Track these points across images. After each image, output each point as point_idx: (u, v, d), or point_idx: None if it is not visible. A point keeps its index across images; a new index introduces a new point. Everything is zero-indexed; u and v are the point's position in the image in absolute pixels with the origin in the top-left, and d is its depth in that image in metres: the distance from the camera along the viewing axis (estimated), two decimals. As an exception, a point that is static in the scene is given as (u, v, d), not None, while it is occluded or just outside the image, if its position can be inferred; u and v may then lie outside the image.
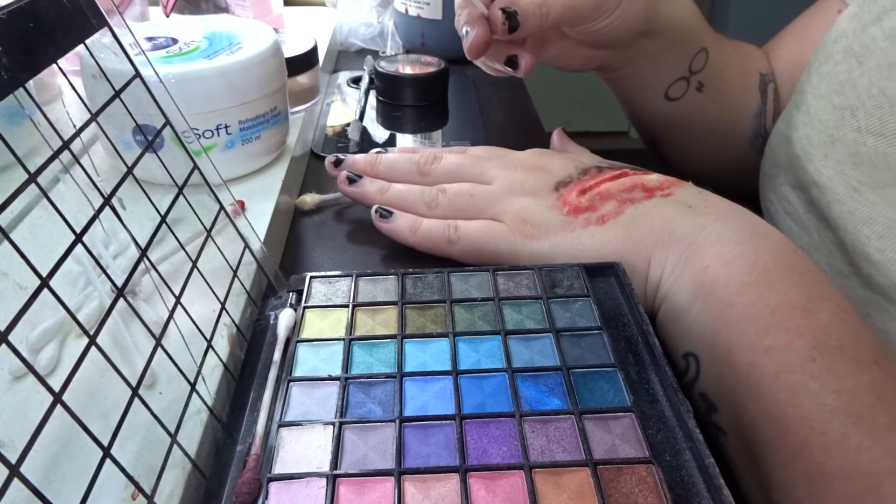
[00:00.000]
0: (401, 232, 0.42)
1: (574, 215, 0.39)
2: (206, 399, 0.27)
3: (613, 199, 0.38)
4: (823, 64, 0.44)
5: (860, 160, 0.39)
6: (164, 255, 0.35)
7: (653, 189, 0.39)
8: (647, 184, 0.39)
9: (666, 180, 0.39)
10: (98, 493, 0.20)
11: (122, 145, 0.40)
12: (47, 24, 0.22)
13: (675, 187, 0.39)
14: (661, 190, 0.38)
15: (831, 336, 0.30)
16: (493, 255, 0.40)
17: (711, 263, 0.34)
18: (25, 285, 0.21)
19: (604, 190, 0.39)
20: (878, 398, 0.28)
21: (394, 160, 0.46)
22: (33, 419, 0.17)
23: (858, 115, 0.40)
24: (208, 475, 0.26)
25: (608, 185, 0.39)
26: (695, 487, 0.25)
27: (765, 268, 0.32)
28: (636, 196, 0.38)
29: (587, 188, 0.39)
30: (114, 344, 0.31)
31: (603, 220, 0.38)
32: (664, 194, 0.38)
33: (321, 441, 0.27)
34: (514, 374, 0.30)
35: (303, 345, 0.32)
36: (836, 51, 0.43)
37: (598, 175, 0.40)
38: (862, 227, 0.38)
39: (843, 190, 0.40)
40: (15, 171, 0.19)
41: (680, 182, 0.39)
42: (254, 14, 0.67)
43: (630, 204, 0.38)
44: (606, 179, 0.39)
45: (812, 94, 0.44)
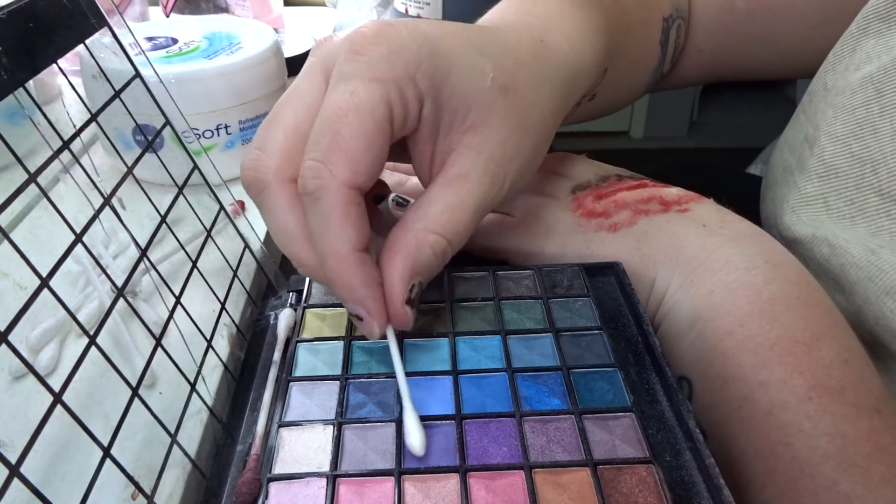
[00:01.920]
0: None
1: (586, 219, 0.38)
2: (206, 399, 0.27)
3: (628, 208, 0.37)
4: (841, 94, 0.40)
5: (881, 229, 0.36)
6: (164, 255, 0.35)
7: (670, 203, 0.37)
8: (664, 197, 0.38)
9: (685, 195, 0.38)
10: (98, 493, 0.20)
11: (122, 145, 0.40)
12: (47, 24, 0.22)
13: (694, 203, 0.37)
14: (678, 205, 0.37)
15: (832, 377, 0.29)
16: (503, 250, 0.40)
17: (716, 289, 0.32)
18: (25, 285, 0.21)
19: (619, 199, 0.38)
20: (876, 447, 0.27)
21: None
22: (33, 419, 0.17)
23: (880, 173, 0.37)
24: (208, 475, 0.26)
25: (625, 195, 0.38)
26: (695, 487, 0.25)
27: (770, 298, 0.31)
28: (651, 208, 0.37)
29: (603, 194, 0.39)
30: (114, 344, 0.31)
31: (615, 227, 0.37)
32: (681, 209, 0.37)
33: (321, 441, 0.27)
34: (514, 374, 0.30)
35: (303, 345, 0.32)
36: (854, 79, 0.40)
37: (617, 183, 0.39)
38: (884, 297, 0.34)
39: (860, 252, 0.36)
40: (15, 171, 0.19)
41: (699, 198, 0.38)
42: (254, 14, 0.67)
43: (644, 216, 0.37)
44: (624, 188, 0.39)
45: (827, 134, 0.41)
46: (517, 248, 0.39)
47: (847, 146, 0.39)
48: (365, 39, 0.27)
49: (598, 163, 0.45)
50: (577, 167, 0.42)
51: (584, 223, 0.38)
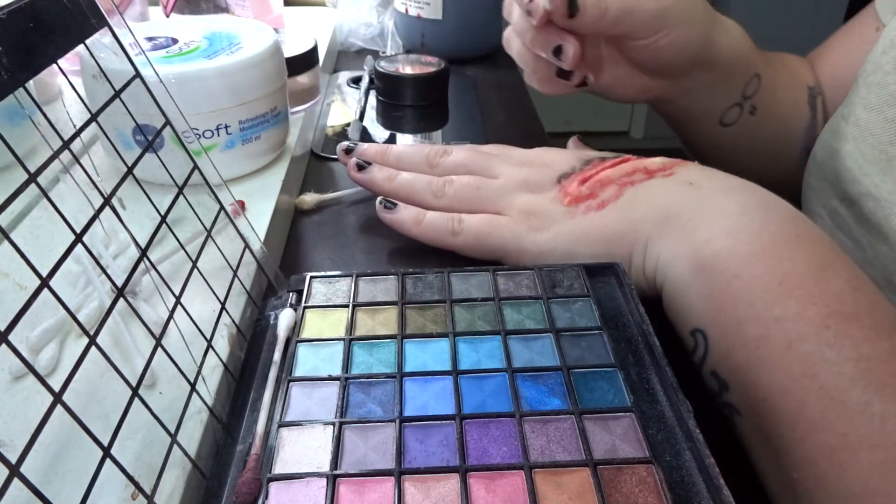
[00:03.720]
0: (404, 223, 0.42)
1: (575, 205, 0.39)
2: (206, 399, 0.27)
3: (613, 184, 0.38)
4: (871, 74, 0.43)
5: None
6: (164, 255, 0.35)
7: (654, 171, 0.38)
8: (648, 166, 0.38)
9: (669, 162, 0.38)
10: (98, 493, 0.20)
11: (122, 145, 0.40)
12: (47, 24, 0.22)
13: (678, 167, 0.38)
14: (662, 171, 0.38)
15: (846, 303, 0.29)
16: (497, 247, 0.40)
17: (713, 237, 0.32)
18: (25, 285, 0.21)
19: (604, 177, 0.39)
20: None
21: (404, 151, 0.46)
22: (33, 419, 0.17)
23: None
24: (208, 475, 0.26)
25: (608, 172, 0.39)
26: (695, 487, 0.25)
27: (771, 238, 0.31)
28: (636, 178, 0.38)
29: (588, 177, 0.39)
30: (114, 344, 0.31)
31: (602, 205, 0.38)
32: (666, 174, 0.37)
33: (321, 441, 0.27)
34: (514, 374, 0.30)
35: (303, 345, 0.32)
36: (885, 61, 0.42)
37: (600, 164, 0.40)
38: None
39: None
40: (15, 171, 0.19)
41: (684, 162, 0.38)
42: (254, 14, 0.67)
43: (630, 186, 0.38)
44: (607, 167, 0.39)
45: (861, 106, 0.43)
46: (512, 245, 0.40)
47: (881, 113, 0.41)
48: None
49: (582, 149, 0.46)
50: (560, 156, 0.43)
51: (574, 210, 0.39)
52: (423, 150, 0.46)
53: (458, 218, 0.41)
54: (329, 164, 0.56)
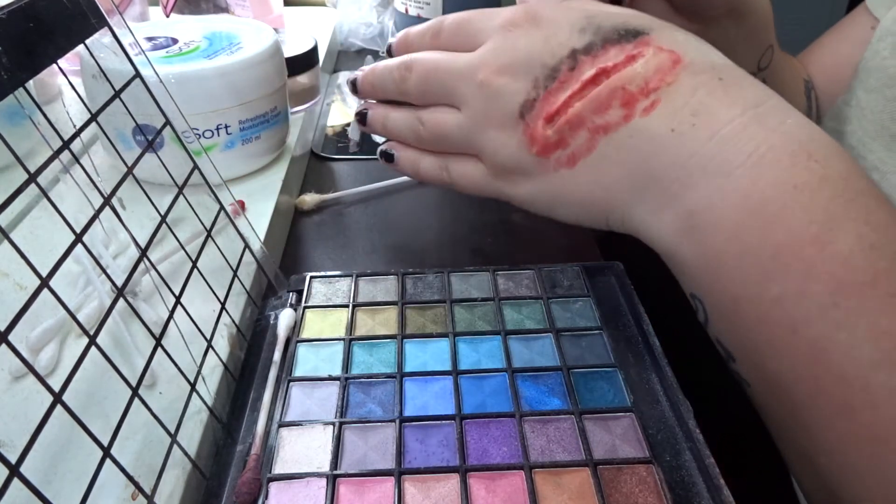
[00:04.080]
0: (405, 173, 0.40)
1: (545, 156, 0.32)
2: (206, 399, 0.27)
3: (584, 126, 0.31)
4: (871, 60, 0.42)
5: None
6: (164, 255, 0.35)
7: (634, 99, 0.30)
8: (628, 87, 0.30)
9: (655, 74, 0.30)
10: (98, 493, 0.20)
11: (122, 145, 0.40)
12: (47, 24, 0.22)
13: (665, 89, 0.29)
14: (644, 97, 0.30)
15: (857, 270, 0.24)
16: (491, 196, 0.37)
17: (696, 207, 0.28)
18: (25, 285, 0.21)
19: (573, 115, 0.31)
20: None
21: (376, 76, 0.41)
22: (33, 419, 0.17)
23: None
24: (208, 475, 0.26)
25: (579, 106, 0.31)
26: (695, 487, 0.25)
27: (762, 199, 0.26)
28: (611, 119, 0.30)
29: (554, 111, 0.31)
30: (114, 344, 0.31)
31: (573, 160, 0.31)
32: (647, 108, 0.30)
33: (321, 441, 0.27)
34: (514, 374, 0.30)
35: (303, 345, 0.32)
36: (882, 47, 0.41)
37: (570, 79, 0.31)
38: None
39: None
40: (15, 171, 0.19)
41: (672, 73, 0.30)
42: (254, 14, 0.67)
43: (603, 135, 0.31)
44: (577, 91, 0.31)
45: (862, 89, 0.43)
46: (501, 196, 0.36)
47: (881, 93, 0.40)
48: None
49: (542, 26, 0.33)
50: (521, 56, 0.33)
51: (545, 162, 0.32)
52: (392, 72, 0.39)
53: (445, 170, 0.38)
54: (329, 164, 0.56)
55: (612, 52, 0.31)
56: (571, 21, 0.32)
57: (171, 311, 0.26)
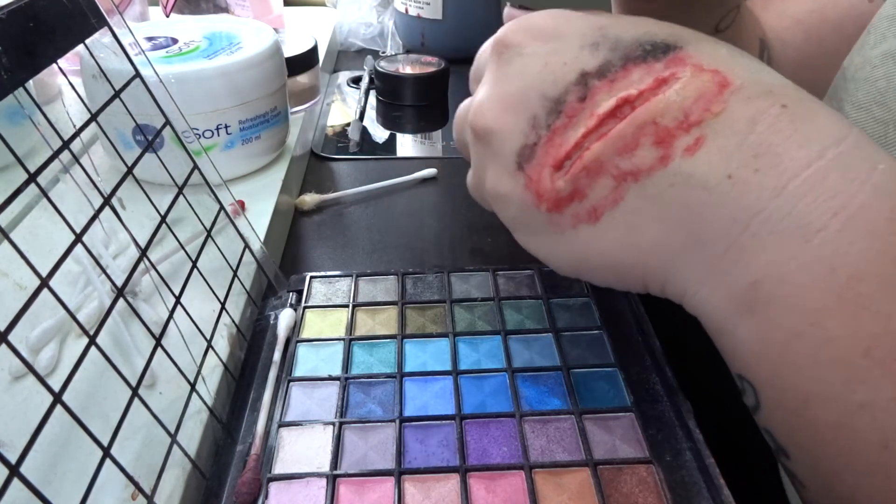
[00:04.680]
0: None
1: (558, 212, 0.25)
2: (206, 399, 0.27)
3: (607, 172, 0.24)
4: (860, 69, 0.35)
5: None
6: (164, 255, 0.35)
7: (671, 136, 0.23)
8: (661, 119, 0.23)
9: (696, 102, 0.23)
10: (98, 493, 0.20)
11: (122, 145, 0.40)
12: (47, 24, 0.22)
13: (711, 123, 0.22)
14: (685, 132, 0.23)
15: None
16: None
17: (761, 279, 0.22)
18: (25, 285, 0.21)
19: (591, 160, 0.24)
20: None
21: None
22: (33, 419, 0.17)
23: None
24: (208, 475, 0.26)
25: (599, 147, 0.24)
26: (695, 487, 0.25)
27: (853, 275, 0.20)
28: (642, 162, 0.23)
29: (563, 156, 0.24)
30: (114, 344, 0.31)
31: (596, 214, 0.25)
32: (689, 148, 0.23)
33: (321, 441, 0.27)
34: (514, 374, 0.30)
35: (303, 345, 0.32)
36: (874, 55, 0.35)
37: (580, 112, 0.24)
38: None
39: None
40: (15, 171, 0.19)
41: (719, 100, 0.23)
42: (254, 14, 0.67)
43: (632, 182, 0.24)
44: (594, 127, 0.24)
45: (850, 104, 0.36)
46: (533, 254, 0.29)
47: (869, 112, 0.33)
48: None
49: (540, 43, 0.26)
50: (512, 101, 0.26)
51: (557, 219, 0.26)
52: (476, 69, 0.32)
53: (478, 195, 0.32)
54: (329, 164, 0.56)
55: (635, 73, 0.24)
56: (580, 33, 0.25)
57: (171, 311, 0.26)
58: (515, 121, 0.25)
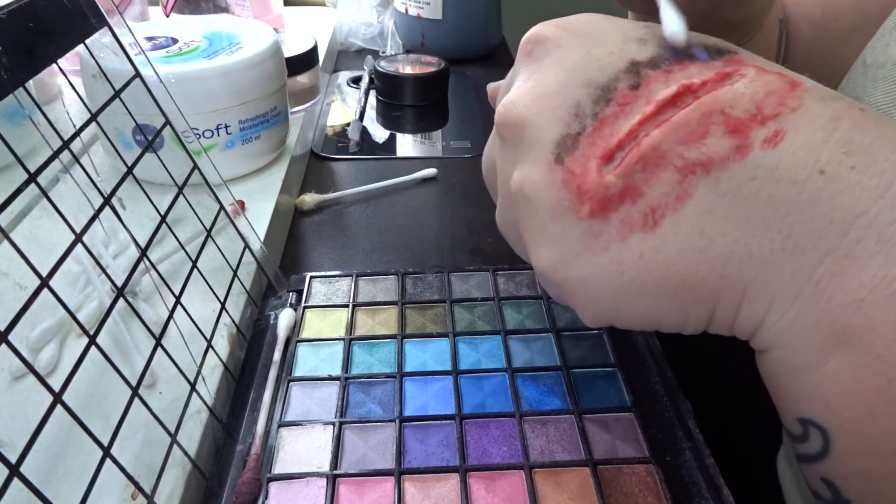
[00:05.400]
0: None
1: (602, 216, 0.21)
2: (206, 399, 0.27)
3: (669, 164, 0.20)
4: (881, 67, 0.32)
5: None
6: (164, 255, 0.35)
7: (745, 126, 0.20)
8: (731, 110, 0.20)
9: (768, 92, 0.20)
10: (98, 493, 0.20)
11: (122, 145, 0.40)
12: (47, 24, 0.22)
13: (789, 116, 0.19)
14: (761, 124, 0.20)
15: None
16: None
17: (868, 295, 0.18)
18: (25, 285, 0.21)
19: (648, 148, 0.20)
20: None
21: None
22: (33, 419, 0.17)
23: None
24: (208, 475, 0.26)
25: (659, 134, 0.20)
26: (695, 487, 0.25)
27: None
28: (713, 151, 0.20)
29: (616, 145, 0.21)
30: (114, 344, 0.31)
31: (654, 218, 0.20)
32: (768, 140, 0.19)
33: (321, 441, 0.27)
34: (514, 373, 0.30)
35: (303, 345, 0.32)
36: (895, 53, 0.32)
37: (633, 97, 0.21)
38: None
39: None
40: (15, 171, 0.19)
41: (793, 96, 0.20)
42: (254, 14, 0.67)
43: (703, 174, 0.20)
44: (651, 114, 0.20)
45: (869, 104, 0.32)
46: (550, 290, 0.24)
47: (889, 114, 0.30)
48: None
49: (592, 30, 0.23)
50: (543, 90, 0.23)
51: (600, 229, 0.21)
52: None
53: None
54: (329, 164, 0.56)
55: (693, 68, 0.21)
56: (622, 30, 0.23)
57: (171, 311, 0.26)
58: (554, 108, 0.22)
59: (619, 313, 0.22)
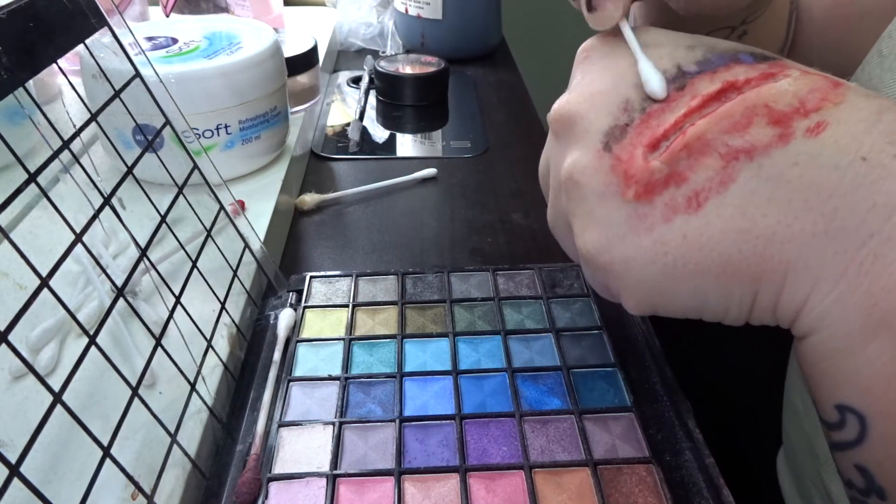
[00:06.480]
0: None
1: (647, 199, 0.22)
2: (206, 399, 0.27)
3: (713, 151, 0.21)
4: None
5: None
6: (164, 255, 0.35)
7: (788, 117, 0.21)
8: (774, 105, 0.21)
9: (811, 89, 0.21)
10: (98, 493, 0.20)
11: (122, 145, 0.40)
12: (47, 24, 0.22)
13: (830, 107, 0.20)
14: (804, 116, 0.21)
15: None
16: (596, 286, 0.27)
17: None
18: (25, 285, 0.21)
19: (693, 137, 0.21)
20: None
21: None
22: (33, 419, 0.17)
23: None
24: (208, 475, 0.26)
25: (702, 125, 0.21)
26: (695, 487, 0.25)
27: None
28: (756, 139, 0.21)
29: (661, 135, 0.22)
30: (114, 344, 0.31)
31: (698, 201, 0.21)
32: (811, 130, 0.20)
33: (321, 441, 0.27)
34: (514, 373, 0.30)
35: (303, 344, 0.32)
36: None
37: (679, 95, 0.22)
38: None
39: None
40: (15, 171, 0.19)
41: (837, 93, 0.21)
42: (254, 14, 0.67)
43: (746, 160, 0.21)
44: (696, 107, 0.22)
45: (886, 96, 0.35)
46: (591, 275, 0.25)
47: None
48: None
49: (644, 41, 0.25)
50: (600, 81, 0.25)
51: (645, 211, 0.22)
52: None
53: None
54: (329, 164, 0.56)
55: (738, 69, 0.22)
56: (671, 39, 0.24)
57: (171, 311, 0.26)
58: (604, 103, 0.23)
59: (662, 296, 0.23)
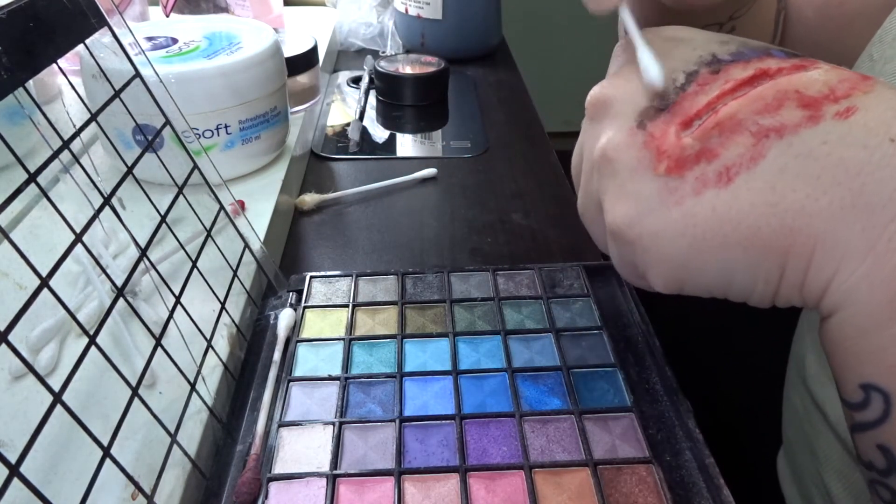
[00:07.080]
0: None
1: (678, 174, 0.23)
2: (206, 399, 0.27)
3: (744, 130, 0.22)
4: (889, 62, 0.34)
5: None
6: (164, 255, 0.35)
7: (818, 102, 0.22)
8: (805, 90, 0.22)
9: (841, 80, 0.22)
10: (98, 493, 0.20)
11: (122, 145, 0.40)
12: (47, 24, 0.22)
13: (860, 95, 0.21)
14: (833, 102, 0.21)
15: None
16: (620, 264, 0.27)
17: None
18: (25, 285, 0.21)
19: (726, 116, 0.22)
20: None
21: None
22: (33, 419, 0.17)
23: None
24: (208, 475, 0.26)
25: (734, 106, 0.22)
26: (695, 487, 0.25)
27: None
28: (787, 119, 0.22)
29: (696, 112, 0.23)
30: (114, 344, 0.31)
31: (728, 175, 0.22)
32: (840, 114, 0.21)
33: (321, 441, 0.27)
34: (514, 373, 0.30)
35: (303, 345, 0.32)
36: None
37: (712, 79, 0.23)
38: None
39: None
40: (15, 171, 0.19)
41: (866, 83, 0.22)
42: (254, 14, 0.67)
43: (776, 138, 0.22)
44: (729, 90, 0.23)
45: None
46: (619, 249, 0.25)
47: None
48: None
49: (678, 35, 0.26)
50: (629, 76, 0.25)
51: (676, 185, 0.23)
52: None
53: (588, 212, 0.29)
54: (329, 164, 0.56)
55: (770, 61, 0.23)
56: (704, 35, 0.25)
57: (171, 311, 0.26)
58: (639, 88, 0.24)
59: (689, 272, 0.23)
